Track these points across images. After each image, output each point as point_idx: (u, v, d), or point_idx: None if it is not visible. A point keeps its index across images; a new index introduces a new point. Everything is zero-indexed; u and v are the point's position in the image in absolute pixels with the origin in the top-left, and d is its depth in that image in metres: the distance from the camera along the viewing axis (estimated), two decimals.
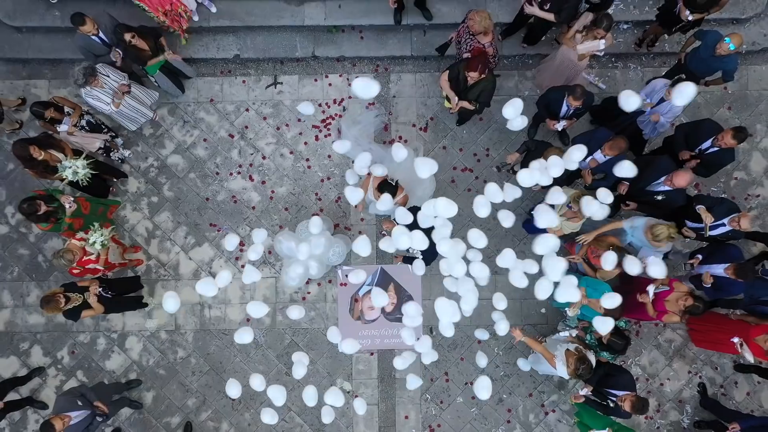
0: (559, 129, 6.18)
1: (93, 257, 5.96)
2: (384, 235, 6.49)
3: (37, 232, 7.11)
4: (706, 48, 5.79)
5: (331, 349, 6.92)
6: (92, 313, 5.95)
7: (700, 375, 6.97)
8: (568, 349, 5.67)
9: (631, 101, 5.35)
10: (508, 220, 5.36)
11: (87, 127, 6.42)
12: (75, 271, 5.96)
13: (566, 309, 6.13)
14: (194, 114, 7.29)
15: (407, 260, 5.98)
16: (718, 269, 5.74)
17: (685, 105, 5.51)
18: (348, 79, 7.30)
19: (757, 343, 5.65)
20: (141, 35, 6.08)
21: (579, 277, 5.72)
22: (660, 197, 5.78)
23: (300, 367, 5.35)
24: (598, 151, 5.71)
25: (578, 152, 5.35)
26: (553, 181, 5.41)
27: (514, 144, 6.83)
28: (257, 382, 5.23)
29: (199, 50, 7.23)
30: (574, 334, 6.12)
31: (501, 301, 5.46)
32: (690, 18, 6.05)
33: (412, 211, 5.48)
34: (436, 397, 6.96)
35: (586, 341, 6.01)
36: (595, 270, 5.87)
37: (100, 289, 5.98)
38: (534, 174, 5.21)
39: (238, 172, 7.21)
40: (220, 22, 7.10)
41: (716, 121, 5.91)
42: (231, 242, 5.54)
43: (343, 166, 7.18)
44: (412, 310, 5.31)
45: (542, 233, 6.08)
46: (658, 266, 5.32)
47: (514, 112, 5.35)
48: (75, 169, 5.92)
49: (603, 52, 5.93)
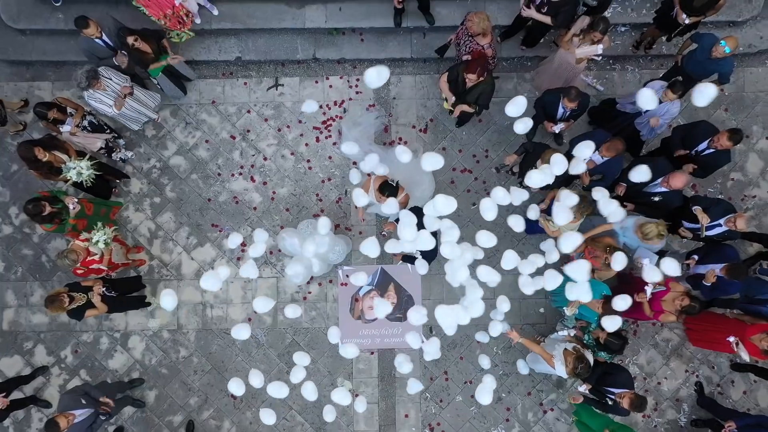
0: (557, 131, 6.22)
1: (97, 257, 5.99)
2: (384, 236, 6.56)
3: (40, 233, 7.16)
4: (702, 51, 5.83)
5: (331, 349, 6.95)
6: (96, 312, 5.99)
7: (697, 374, 7.01)
8: (566, 349, 5.70)
9: (648, 99, 5.46)
10: (519, 225, 5.49)
11: (89, 128, 6.45)
12: (79, 272, 5.99)
13: (564, 309, 6.19)
14: (196, 116, 7.34)
15: (407, 259, 6.03)
16: (715, 269, 5.80)
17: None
18: (348, 81, 7.36)
19: (753, 342, 5.68)
20: (144, 38, 6.11)
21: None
22: (657, 198, 5.84)
23: (299, 371, 5.36)
24: (596, 152, 5.77)
25: (587, 149, 5.43)
26: (553, 183, 5.46)
27: (513, 145, 6.87)
28: (256, 379, 5.26)
29: (201, 52, 7.28)
30: (572, 334, 6.15)
31: (504, 303, 5.48)
32: (687, 21, 6.08)
33: (414, 212, 5.52)
34: (435, 396, 7.01)
35: (584, 341, 6.05)
36: (594, 270, 5.91)
37: (104, 289, 6.01)
38: (546, 175, 5.26)
39: (240, 173, 7.26)
40: (221, 25, 7.15)
41: (712, 123, 5.96)
42: (234, 240, 5.60)
43: (343, 167, 7.24)
44: (416, 316, 5.34)
45: (541, 233, 6.20)
46: (653, 271, 5.38)
47: (516, 110, 5.38)
48: (79, 170, 5.97)
49: (601, 57, 5.98)
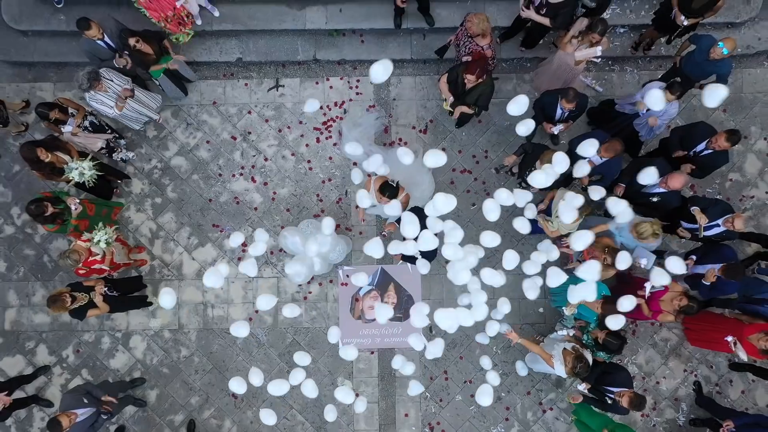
0: (556, 132, 6.25)
1: (98, 258, 6.02)
2: (384, 236, 6.59)
3: (42, 233, 7.19)
4: (700, 52, 5.86)
5: (332, 348, 6.98)
6: (98, 312, 6.02)
7: (696, 373, 7.04)
8: (565, 348, 5.73)
9: (657, 100, 5.47)
10: (525, 227, 5.55)
11: (90, 128, 6.47)
12: (81, 272, 6.03)
13: (563, 309, 6.22)
14: (197, 116, 7.37)
15: (407, 259, 6.05)
16: (714, 269, 5.81)
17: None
18: (349, 82, 7.39)
19: (751, 341, 5.70)
20: (145, 39, 6.14)
21: (576, 278, 5.84)
22: (655, 199, 5.87)
23: (298, 373, 5.40)
24: (595, 153, 5.80)
25: (590, 147, 5.48)
26: (552, 183, 5.50)
27: (512, 146, 6.91)
28: (256, 377, 5.30)
29: (202, 53, 7.31)
30: (571, 334, 6.18)
31: (504, 305, 5.50)
32: (685, 23, 6.11)
33: (416, 213, 5.53)
34: (435, 395, 7.04)
35: (583, 341, 6.08)
36: None
37: (106, 289, 6.04)
38: (549, 175, 5.30)
39: (241, 174, 7.30)
40: (222, 26, 7.18)
41: (710, 124, 5.99)
42: (235, 239, 5.64)
43: (343, 168, 7.28)
44: (418, 318, 5.37)
45: (540, 233, 6.24)
46: (661, 275, 5.43)
47: (518, 109, 5.40)
48: (81, 171, 5.99)
49: (600, 59, 6.01)
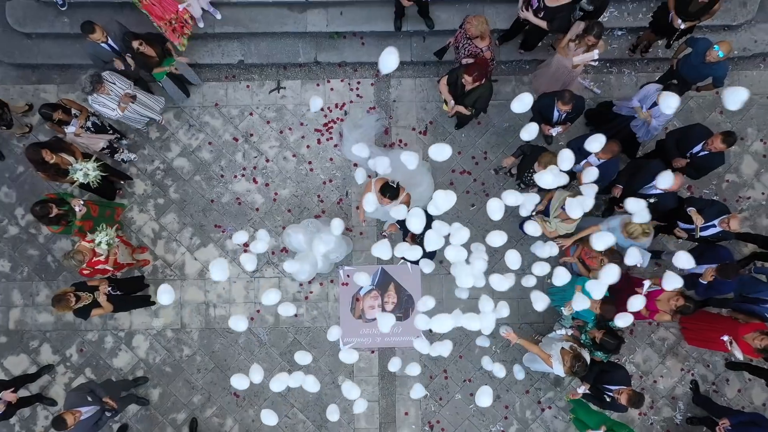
0: (554, 134, 6.30)
1: (102, 258, 6.08)
2: (385, 236, 6.65)
3: (46, 233, 7.26)
4: (696, 55, 5.92)
5: (332, 348, 7.05)
6: (101, 311, 6.07)
7: (693, 372, 7.10)
8: (563, 348, 5.77)
9: (671, 103, 5.48)
10: (536, 230, 5.71)
11: (92, 129, 6.52)
12: (85, 272, 6.08)
13: (562, 309, 6.29)
14: (199, 118, 7.44)
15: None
16: (711, 269, 5.87)
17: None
18: (349, 84, 7.46)
19: (746, 341, 5.72)
20: (148, 42, 6.19)
21: (574, 278, 5.92)
22: (652, 200, 5.92)
23: (298, 376, 5.47)
24: (592, 154, 5.87)
25: (596, 143, 5.54)
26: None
27: (511, 148, 6.97)
28: (257, 374, 5.38)
29: (204, 56, 7.38)
30: (570, 333, 6.23)
31: (504, 309, 5.54)
32: (682, 26, 6.18)
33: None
34: (435, 394, 7.10)
35: (581, 340, 6.14)
36: (590, 270, 5.99)
37: (109, 289, 6.11)
38: (557, 177, 5.38)
39: (242, 175, 7.37)
40: (224, 29, 7.24)
41: (706, 126, 6.05)
42: (239, 237, 5.71)
43: (344, 169, 7.35)
44: (421, 319, 5.48)
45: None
46: (673, 278, 5.53)
47: (521, 107, 5.45)
48: (86, 171, 6.05)
49: (597, 62, 6.08)
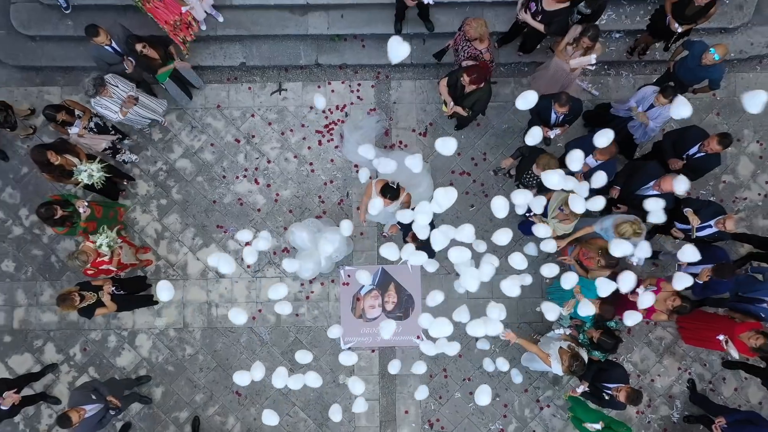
0: (552, 137, 6.36)
1: (106, 258, 6.15)
2: (385, 237, 6.74)
3: (50, 234, 7.32)
4: (693, 58, 5.98)
5: (333, 347, 7.13)
6: (105, 311, 6.14)
7: (690, 371, 7.17)
8: (561, 347, 5.82)
9: (684, 108, 5.46)
10: (545, 232, 5.78)
11: (95, 129, 6.58)
12: (89, 272, 6.15)
13: (560, 308, 6.35)
14: (202, 119, 7.51)
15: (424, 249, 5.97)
16: (688, 278, 5.87)
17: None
18: (350, 86, 7.54)
19: (742, 339, 5.77)
20: (151, 45, 6.24)
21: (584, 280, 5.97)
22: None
23: (298, 378, 5.56)
24: (590, 156, 5.94)
25: (604, 138, 5.56)
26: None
27: (510, 149, 7.04)
28: (258, 371, 5.45)
29: (207, 58, 7.45)
30: (568, 333, 6.29)
31: (501, 312, 5.58)
32: (679, 29, 6.24)
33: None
34: (435, 393, 7.14)
35: (579, 340, 6.20)
36: (587, 271, 6.05)
37: (113, 288, 6.17)
38: (562, 178, 5.43)
39: (244, 176, 7.43)
40: (226, 31, 7.31)
41: (702, 128, 6.11)
42: (244, 236, 5.79)
43: (345, 170, 7.42)
44: (425, 319, 5.61)
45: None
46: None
47: (526, 104, 5.49)
48: (90, 172, 6.11)
49: (594, 66, 6.13)
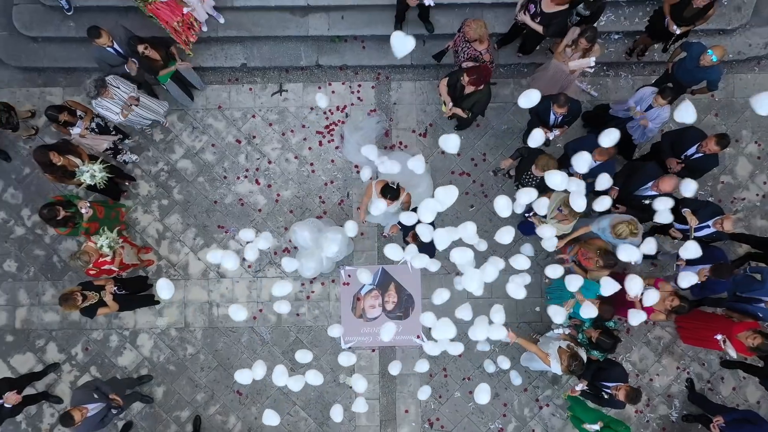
0: (551, 138, 6.38)
1: (108, 259, 6.18)
2: (386, 237, 6.76)
3: (52, 234, 7.36)
4: (691, 59, 6.02)
5: (334, 346, 7.17)
6: (107, 310, 6.17)
7: (688, 371, 7.21)
8: (560, 347, 5.86)
9: (689, 113, 5.62)
10: (551, 232, 5.87)
11: (96, 130, 6.61)
12: (91, 272, 6.19)
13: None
14: (203, 120, 7.55)
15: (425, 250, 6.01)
16: (693, 276, 5.90)
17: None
18: (350, 87, 7.57)
19: (740, 339, 5.81)
20: (153, 46, 6.27)
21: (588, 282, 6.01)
22: (647, 201, 6.02)
23: (298, 380, 5.60)
24: (588, 156, 5.97)
25: (609, 138, 5.60)
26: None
27: (509, 150, 7.08)
28: (259, 369, 5.49)
29: (208, 59, 7.49)
30: (567, 333, 6.33)
31: (499, 314, 5.65)
32: (677, 31, 6.27)
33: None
34: (435, 392, 7.14)
35: (578, 339, 6.24)
36: (586, 271, 6.08)
37: (115, 288, 6.20)
38: (565, 178, 5.49)
39: (245, 176, 7.47)
40: (228, 33, 7.35)
41: (700, 129, 6.15)
42: (246, 235, 5.83)
43: (345, 171, 7.46)
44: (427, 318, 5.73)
45: (534, 234, 6.41)
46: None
47: (528, 102, 5.53)
48: (92, 173, 6.15)
49: (593, 68, 6.17)
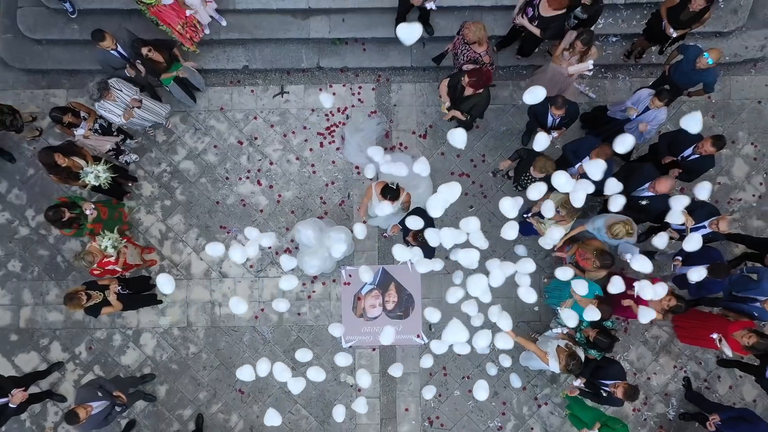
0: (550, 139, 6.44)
1: (112, 259, 6.25)
2: (386, 237, 6.82)
3: (56, 234, 7.43)
4: (687, 62, 6.08)
5: (335, 345, 7.24)
6: (111, 310, 6.25)
7: (685, 369, 7.27)
8: (558, 346, 5.91)
9: (696, 122, 5.63)
10: (557, 233, 5.96)
11: (99, 131, 6.67)
12: (95, 272, 6.25)
13: (558, 308, 6.46)
14: (205, 122, 7.62)
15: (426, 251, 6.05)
16: (701, 270, 6.03)
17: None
18: (351, 89, 7.64)
19: (735, 338, 5.86)
20: (156, 48, 6.35)
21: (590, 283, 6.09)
22: (644, 202, 6.08)
23: (298, 381, 5.64)
24: (586, 158, 6.04)
25: (625, 143, 5.65)
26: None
27: (509, 151, 7.14)
28: (263, 366, 5.52)
29: (210, 61, 7.55)
30: (565, 332, 6.38)
31: (506, 320, 5.68)
32: (674, 34, 6.33)
33: (422, 216, 5.73)
34: (434, 390, 7.25)
35: (576, 338, 6.30)
36: (584, 271, 6.14)
37: (119, 288, 6.27)
38: (570, 180, 5.56)
39: (247, 177, 7.54)
40: (229, 35, 7.41)
41: None
42: (250, 233, 5.88)
43: (346, 172, 7.53)
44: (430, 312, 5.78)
45: (535, 234, 6.49)
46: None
47: (532, 98, 5.59)
48: (97, 174, 6.23)
49: (591, 71, 6.24)
